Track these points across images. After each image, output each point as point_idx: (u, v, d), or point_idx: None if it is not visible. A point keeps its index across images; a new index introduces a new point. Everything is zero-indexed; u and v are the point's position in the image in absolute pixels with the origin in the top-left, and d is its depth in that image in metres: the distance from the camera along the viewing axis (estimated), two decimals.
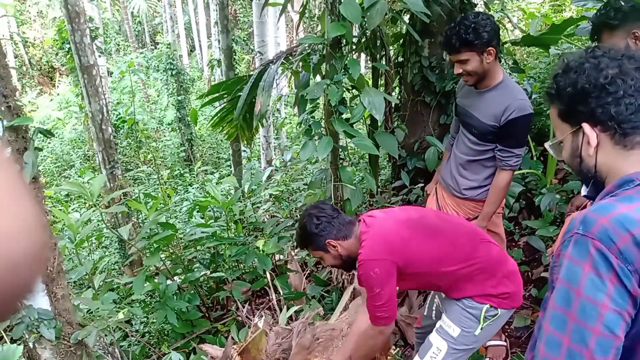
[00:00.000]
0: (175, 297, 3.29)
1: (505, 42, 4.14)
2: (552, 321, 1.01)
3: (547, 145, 1.27)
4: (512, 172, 2.51)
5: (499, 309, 2.01)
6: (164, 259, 3.62)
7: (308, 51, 3.48)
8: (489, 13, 2.45)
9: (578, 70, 1.09)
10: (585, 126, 1.09)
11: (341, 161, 3.58)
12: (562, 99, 1.13)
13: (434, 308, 2.36)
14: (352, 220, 2.11)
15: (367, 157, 4.09)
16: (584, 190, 2.12)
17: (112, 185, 5.82)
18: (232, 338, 2.79)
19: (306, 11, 3.57)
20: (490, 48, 2.33)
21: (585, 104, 1.08)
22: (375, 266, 1.88)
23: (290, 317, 3.05)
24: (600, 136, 1.09)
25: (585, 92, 1.07)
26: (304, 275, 3.81)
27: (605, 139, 1.09)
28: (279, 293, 3.40)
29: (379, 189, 4.22)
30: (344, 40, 3.07)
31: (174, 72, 11.47)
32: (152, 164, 9.65)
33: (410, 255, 1.93)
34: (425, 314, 2.42)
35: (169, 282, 3.37)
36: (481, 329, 2.03)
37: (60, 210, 3.28)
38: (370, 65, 3.87)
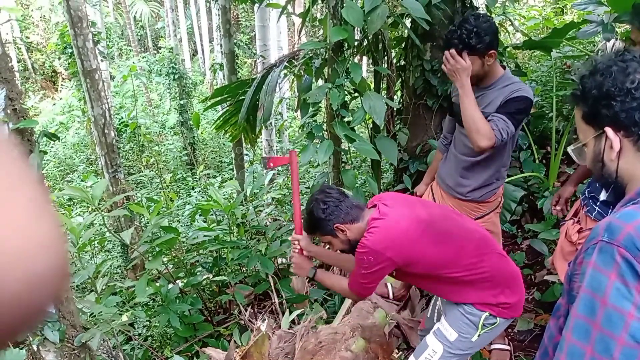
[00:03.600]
0: (177, 300, 3.29)
1: (507, 47, 4.15)
2: (574, 331, 0.99)
3: (569, 148, 1.25)
4: (492, 132, 2.29)
5: (498, 318, 2.00)
6: (166, 262, 3.62)
7: (310, 55, 3.50)
8: (487, 14, 2.42)
9: (605, 72, 1.07)
10: (608, 130, 1.08)
11: (343, 164, 3.59)
12: (586, 101, 1.11)
13: (436, 310, 2.37)
14: (360, 204, 2.09)
15: (370, 160, 4.09)
16: (603, 195, 2.11)
17: (114, 189, 5.83)
18: (235, 342, 2.79)
19: (308, 15, 3.57)
20: (492, 51, 2.31)
21: (609, 108, 1.06)
22: (370, 254, 1.89)
23: (292, 321, 3.05)
24: (623, 141, 1.07)
25: (610, 96, 1.05)
26: (307, 279, 3.81)
27: (628, 145, 1.07)
28: (282, 296, 3.40)
29: (381, 193, 4.22)
30: (346, 44, 3.08)
31: (176, 76, 11.50)
32: (154, 167, 9.67)
33: (414, 256, 1.92)
34: (428, 315, 2.43)
35: (170, 285, 3.37)
36: (478, 335, 2.02)
37: (63, 214, 3.28)
38: (372, 69, 3.88)
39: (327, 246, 2.29)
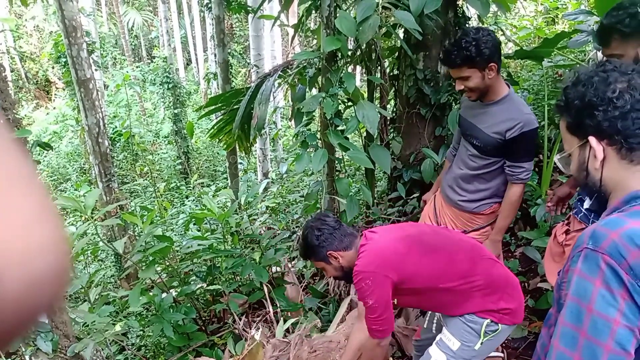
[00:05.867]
0: (171, 310, 3.28)
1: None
2: (562, 338, 1.00)
3: (556, 158, 1.26)
4: (523, 185, 2.50)
5: (499, 325, 2.01)
6: (160, 271, 3.61)
7: (304, 64, 3.52)
8: (488, 28, 2.43)
9: (587, 83, 1.09)
10: (592, 139, 1.09)
11: (337, 173, 3.60)
12: (570, 112, 1.13)
13: (434, 321, 2.36)
14: (354, 232, 2.14)
15: (364, 169, 4.11)
16: (587, 204, 2.13)
17: (108, 198, 5.81)
18: (229, 351, 2.79)
19: (301, 25, 3.60)
20: (491, 64, 2.28)
21: (592, 117, 1.08)
22: (367, 278, 1.91)
23: (287, 330, 3.05)
24: (607, 150, 1.09)
25: (592, 105, 1.07)
26: (301, 287, 3.81)
27: (611, 153, 1.09)
28: (276, 305, 3.39)
29: (375, 201, 4.23)
30: (340, 54, 3.10)
31: (170, 86, 11.51)
32: (148, 176, 9.64)
33: (407, 271, 1.95)
34: (425, 326, 2.42)
35: (164, 295, 3.36)
36: (481, 343, 2.03)
37: None
38: (365, 78, 3.90)
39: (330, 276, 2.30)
